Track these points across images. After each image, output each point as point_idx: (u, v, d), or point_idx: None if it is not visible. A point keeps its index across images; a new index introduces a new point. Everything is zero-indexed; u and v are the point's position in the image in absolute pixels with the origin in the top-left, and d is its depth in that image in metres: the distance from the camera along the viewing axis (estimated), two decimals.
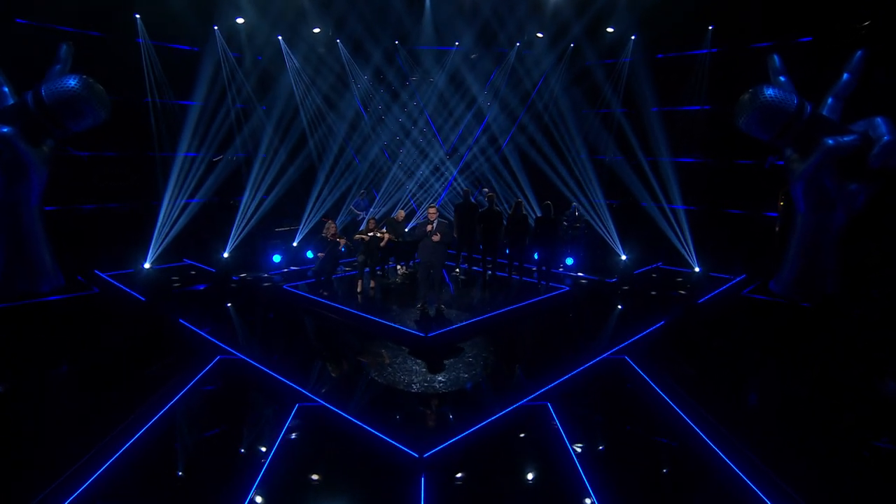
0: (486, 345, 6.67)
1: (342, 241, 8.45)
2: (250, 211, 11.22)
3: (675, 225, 11.08)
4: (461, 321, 7.13)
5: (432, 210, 7.42)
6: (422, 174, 14.04)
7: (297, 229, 11.93)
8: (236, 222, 10.77)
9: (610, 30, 12.68)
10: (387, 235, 9.15)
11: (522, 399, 5.20)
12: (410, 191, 13.96)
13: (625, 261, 10.75)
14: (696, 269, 10.26)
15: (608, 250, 11.29)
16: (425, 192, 13.98)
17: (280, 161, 12.12)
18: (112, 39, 10.25)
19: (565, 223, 11.63)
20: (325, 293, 8.39)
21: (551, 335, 7.23)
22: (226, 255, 10.05)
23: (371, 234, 8.79)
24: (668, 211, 11.56)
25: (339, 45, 12.71)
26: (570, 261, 10.56)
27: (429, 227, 7.41)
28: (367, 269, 8.86)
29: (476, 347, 6.58)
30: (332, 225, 8.49)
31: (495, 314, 7.62)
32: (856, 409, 5.23)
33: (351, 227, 11.66)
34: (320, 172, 12.65)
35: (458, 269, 10.19)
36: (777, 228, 10.51)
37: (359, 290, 8.62)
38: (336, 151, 13.00)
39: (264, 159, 11.93)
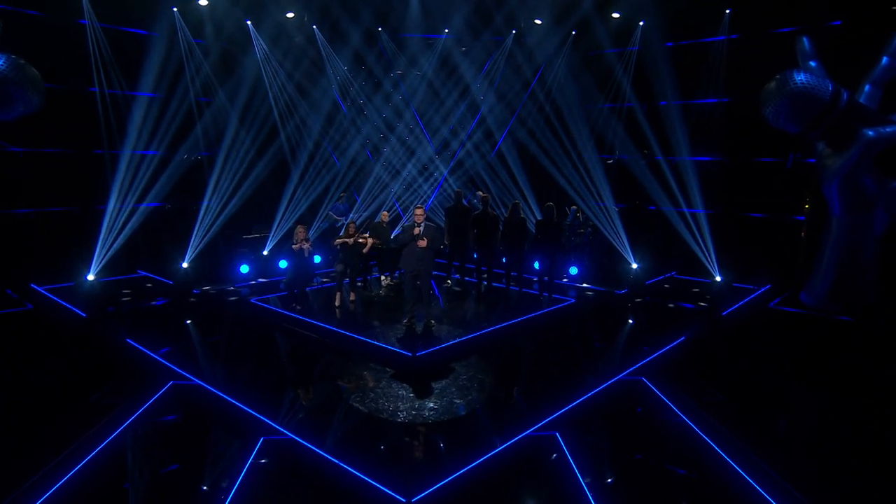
0: (483, 366, 6.54)
1: (307, 246, 8.28)
2: (212, 215, 11.09)
3: (694, 230, 11.05)
4: (453, 338, 7.02)
5: (419, 211, 7.27)
6: (408, 174, 13.98)
7: (268, 236, 11.80)
8: (197, 228, 10.62)
9: (615, 15, 12.71)
10: (370, 241, 9.02)
11: (527, 429, 5.00)
12: (395, 193, 13.91)
13: (636, 270, 10.73)
14: (718, 279, 10.22)
15: (617, 258, 11.30)
16: (412, 193, 13.90)
17: (248, 160, 12.00)
18: (53, 19, 9.91)
19: (569, 229, 11.75)
20: (299, 308, 8.25)
21: (557, 354, 7.11)
22: (185, 265, 9.87)
23: (351, 239, 8.66)
24: (683, 215, 11.64)
25: (316, 31, 12.67)
26: (574, 270, 10.55)
27: (415, 231, 7.29)
28: (346, 280, 8.76)
29: (471, 369, 6.44)
30: (301, 229, 8.32)
31: (492, 330, 7.50)
32: None
33: (330, 234, 11.51)
34: (294, 172, 12.58)
35: (449, 280, 10.11)
36: (803, 233, 10.45)
37: (337, 303, 8.50)
38: (311, 149, 12.94)
39: (230, 158, 11.76)
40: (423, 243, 7.28)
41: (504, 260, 9.78)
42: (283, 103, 12.62)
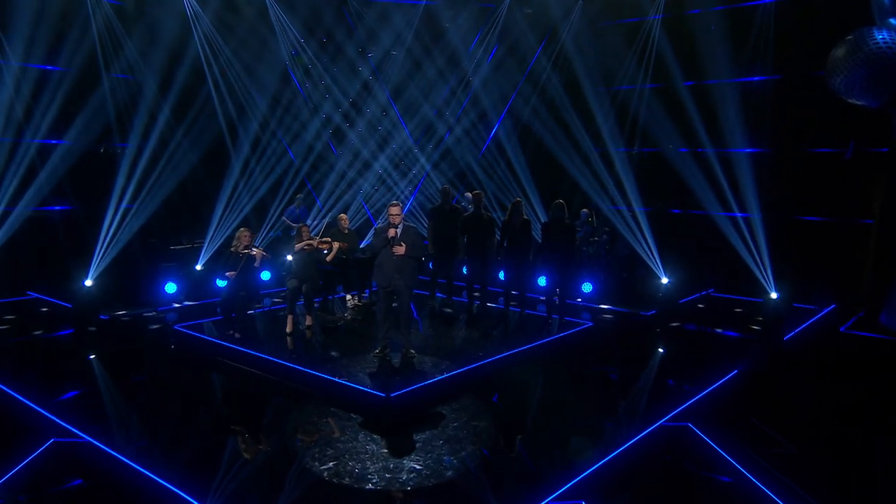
0: (479, 409, 6.43)
1: (258, 253, 8.15)
2: (128, 221, 11.05)
3: (746, 237, 10.95)
4: (439, 374, 6.92)
5: (395, 209, 7.12)
6: (382, 169, 14.02)
7: (202, 246, 11.72)
8: (104, 236, 10.49)
9: None
10: (335, 244, 8.88)
11: (542, 499, 4.67)
12: (364, 193, 13.95)
13: (666, 286, 10.77)
14: (774, 296, 10.08)
15: (641, 272, 11.44)
16: (386, 193, 13.96)
17: (178, 150, 12.01)
18: None
19: (581, 236, 11.72)
20: (238, 336, 8.16)
21: (573, 393, 7.08)
22: (89, 283, 9.67)
23: (315, 241, 8.59)
24: (720, 219, 11.62)
25: None
26: (587, 287, 10.63)
27: (390, 233, 7.10)
28: (300, 301, 8.67)
29: (463, 414, 6.32)
30: (246, 232, 8.22)
31: (489, 363, 7.42)
32: None
33: (285, 245, 11.34)
34: (235, 163, 12.56)
35: (433, 300, 10.14)
36: (873, 241, 10.57)
37: (288, 329, 8.38)
38: (258, 131, 12.99)
39: (154, 148, 11.68)
40: (400, 250, 7.11)
41: (503, 275, 9.87)
42: (223, 81, 12.69)
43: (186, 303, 10.21)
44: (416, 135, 14.51)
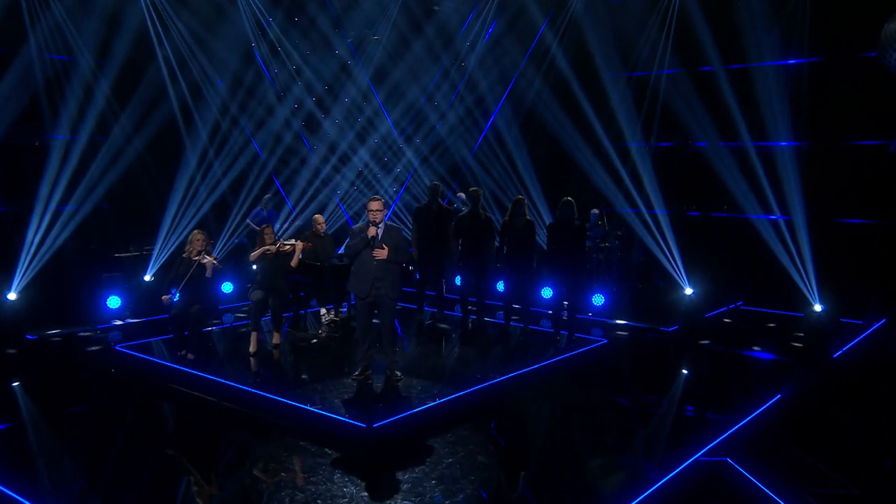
0: (478, 442, 6.35)
1: (208, 262, 8.10)
2: (62, 223, 11.05)
3: (788, 243, 11.10)
4: (430, 400, 6.87)
5: (375, 204, 7.06)
6: (362, 165, 14.24)
7: (151, 253, 11.69)
8: (31, 242, 10.50)
9: None
10: (299, 245, 8.86)
11: None
12: (343, 192, 14.17)
13: (689, 298, 10.93)
14: (818, 308, 10.26)
15: (659, 282, 11.71)
16: (367, 190, 14.24)
17: (122, 143, 12.02)
18: None
19: (591, 238, 11.95)
20: (191, 357, 8.06)
21: (588, 421, 6.99)
22: (12, 296, 9.70)
23: (275, 246, 8.53)
24: (749, 222, 11.83)
25: None
26: (599, 299, 10.78)
27: (370, 233, 7.04)
28: (266, 317, 8.67)
29: (459, 447, 6.22)
30: (199, 236, 8.18)
31: (488, 386, 7.39)
32: None
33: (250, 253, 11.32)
34: (190, 155, 12.61)
35: (421, 314, 10.30)
36: None
37: (252, 349, 8.37)
38: (217, 118, 13.08)
39: (94, 141, 11.74)
40: (381, 253, 7.04)
41: (503, 285, 9.94)
42: (175, 58, 12.73)
43: (132, 320, 10.19)
44: (402, 125, 14.77)
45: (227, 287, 11.24)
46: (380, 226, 7.09)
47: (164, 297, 8.03)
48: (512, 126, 14.10)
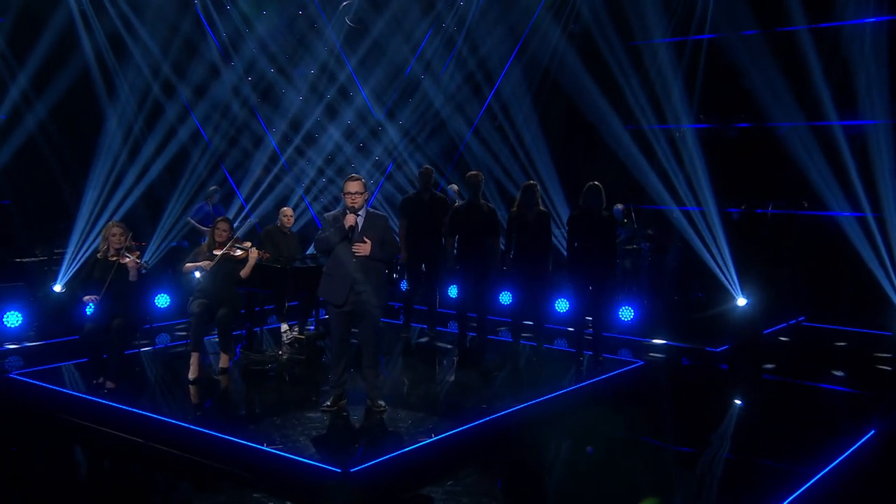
0: (483, 491, 6.18)
1: (131, 262, 7.96)
2: None
3: (878, 245, 11.20)
4: (422, 437, 6.74)
5: (354, 185, 6.97)
6: (333, 147, 14.41)
7: (63, 258, 11.70)
8: None
9: None
10: (254, 253, 8.73)
11: None
12: (307, 183, 14.42)
13: (743, 311, 11.11)
14: None
15: (699, 294, 12.00)
16: (339, 179, 14.51)
17: (23, 115, 11.92)
18: None
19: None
20: (110, 386, 7.79)
21: (626, 469, 6.80)
22: None
23: (219, 250, 8.43)
24: (814, 219, 12.16)
25: None
26: (628, 313, 10.95)
27: (348, 222, 6.91)
28: (210, 335, 8.67)
29: (463, 499, 5.98)
30: (117, 229, 8.03)
31: (495, 419, 7.27)
32: None
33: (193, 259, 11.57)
34: (114, 131, 12.50)
35: (409, 331, 10.39)
36: None
37: (192, 375, 8.16)
38: (148, 91, 13.04)
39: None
40: (363, 248, 6.92)
41: (510, 295, 10.23)
42: (91, 6, 12.68)
43: (28, 343, 9.98)
44: (385, 99, 14.96)
45: (162, 300, 11.16)
46: (360, 213, 6.97)
47: (86, 297, 7.89)
48: (520, 97, 14.29)
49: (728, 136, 13.69)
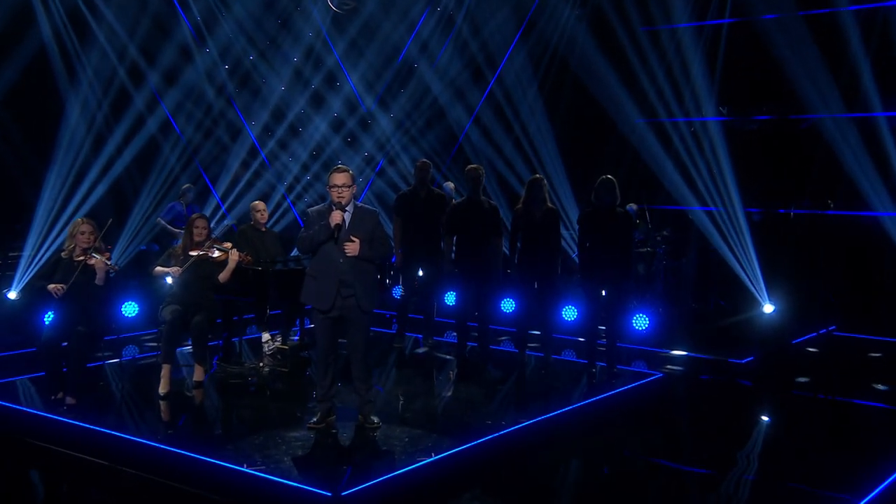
0: None
1: (99, 263, 7.88)
2: None
3: None
4: (420, 456, 6.64)
5: (341, 177, 6.93)
6: (320, 141, 14.56)
7: (19, 261, 11.75)
8: None
9: None
10: (234, 255, 8.70)
11: None
12: (289, 180, 14.52)
13: (769, 319, 11.25)
14: None
15: (718, 301, 12.18)
16: (325, 174, 14.06)
17: None
18: None
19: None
20: (71, 402, 7.69)
21: (644, 493, 6.74)
22: None
23: (195, 253, 8.40)
24: (851, 219, 12.21)
25: None
26: (643, 322, 10.97)
27: (335, 219, 6.85)
28: (183, 347, 8.78)
29: None
30: (85, 226, 7.97)
31: (501, 437, 7.21)
32: None
33: (164, 263, 11.66)
34: (76, 120, 12.43)
35: (402, 341, 10.40)
36: None
37: (163, 390, 8.11)
38: (113, 75, 13.02)
39: None
40: (352, 247, 6.83)
41: (515, 302, 10.45)
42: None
43: None
44: (375, 89, 15.04)
45: (129, 309, 11.08)
46: (348, 209, 6.88)
47: (51, 286, 7.78)
48: (525, 83, 14.27)
49: (747, 129, 13.80)
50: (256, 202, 9.98)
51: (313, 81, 14.82)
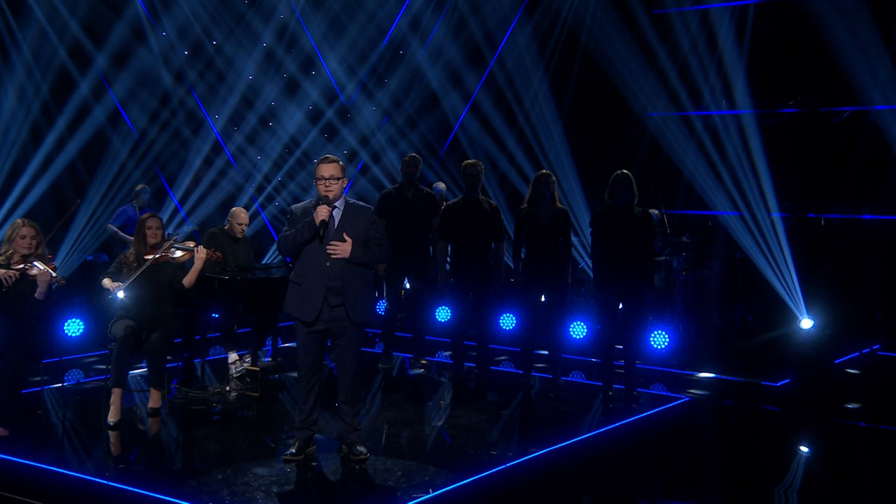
0: None
1: (41, 273, 7.82)
2: None
3: None
4: (416, 493, 6.52)
5: (328, 168, 6.85)
6: (293, 137, 14.82)
7: None
8: None
9: None
10: (202, 252, 8.63)
11: None
12: (259, 180, 14.74)
13: (809, 336, 11.21)
14: None
15: (747, 317, 12.27)
16: (297, 177, 14.80)
17: None
18: None
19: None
20: (3, 433, 7.61)
21: None
22: None
23: (153, 255, 8.32)
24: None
25: None
26: (662, 339, 11.00)
27: (321, 214, 6.76)
28: (136, 370, 8.90)
29: None
30: (27, 230, 7.93)
31: (508, 469, 7.17)
32: None
33: (114, 274, 11.50)
34: (9, 105, 12.53)
35: (389, 362, 10.40)
36: None
37: (112, 418, 7.97)
38: (53, 53, 12.97)
39: None
40: (342, 248, 6.77)
41: (518, 317, 10.70)
42: None
43: None
44: (357, 77, 15.20)
45: (73, 327, 11.00)
46: (337, 204, 6.80)
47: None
48: (531, 65, 14.42)
49: (773, 122, 13.89)
50: (238, 209, 9.99)
51: (287, 67, 14.94)
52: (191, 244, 8.70)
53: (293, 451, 6.91)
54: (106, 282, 8.30)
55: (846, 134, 12.95)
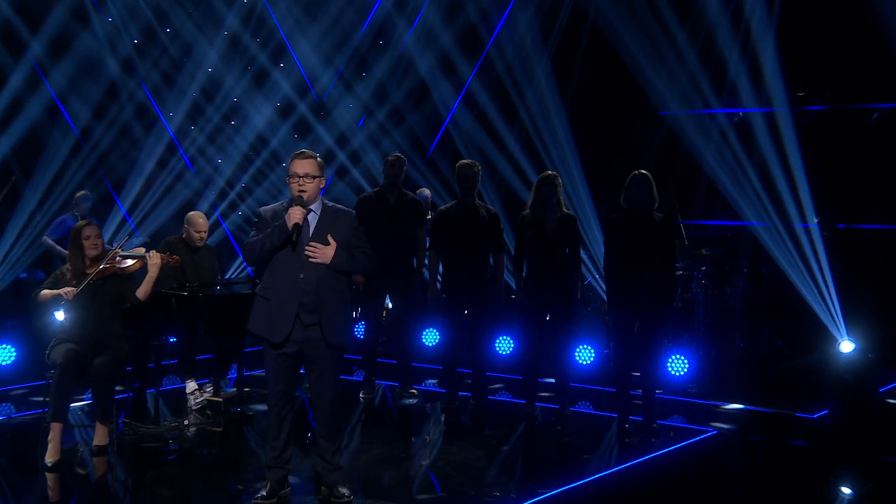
0: None
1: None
2: None
3: None
4: None
5: (304, 165, 6.80)
6: (256, 141, 15.03)
7: None
8: None
9: None
10: (157, 257, 8.55)
11: None
12: (224, 183, 14.98)
13: (850, 358, 11.27)
14: None
15: (775, 341, 12.37)
16: (269, 171, 14.89)
17: None
18: None
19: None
20: None
21: None
22: None
23: (94, 268, 8.18)
24: None
25: None
26: (681, 364, 11.05)
27: (295, 216, 6.65)
28: (81, 400, 8.91)
29: None
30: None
31: None
32: None
33: (46, 281, 11.50)
34: None
35: (372, 391, 10.49)
36: None
37: (51, 458, 7.89)
38: None
39: None
40: (321, 253, 6.68)
41: (512, 341, 11.12)
42: None
43: None
44: (334, 66, 15.44)
45: (3, 355, 11.13)
46: (313, 206, 6.73)
47: None
48: (534, 54, 14.51)
49: (805, 122, 13.86)
50: (195, 214, 9.85)
51: (254, 55, 15.06)
52: (140, 250, 8.61)
53: (264, 493, 6.76)
54: (45, 293, 8.10)
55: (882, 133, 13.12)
